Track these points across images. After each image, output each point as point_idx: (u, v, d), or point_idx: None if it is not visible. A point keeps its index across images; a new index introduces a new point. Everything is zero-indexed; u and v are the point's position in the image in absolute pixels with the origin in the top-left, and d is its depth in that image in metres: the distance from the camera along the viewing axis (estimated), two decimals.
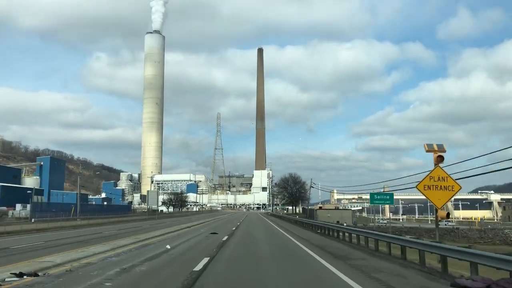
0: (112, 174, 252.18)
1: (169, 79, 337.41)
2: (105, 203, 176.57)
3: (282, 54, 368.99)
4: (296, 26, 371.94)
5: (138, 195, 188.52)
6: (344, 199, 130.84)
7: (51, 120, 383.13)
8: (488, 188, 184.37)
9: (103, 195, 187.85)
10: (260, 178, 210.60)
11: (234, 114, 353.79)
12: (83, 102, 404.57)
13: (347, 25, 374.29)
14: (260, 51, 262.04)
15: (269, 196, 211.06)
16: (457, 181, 13.46)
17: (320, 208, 65.18)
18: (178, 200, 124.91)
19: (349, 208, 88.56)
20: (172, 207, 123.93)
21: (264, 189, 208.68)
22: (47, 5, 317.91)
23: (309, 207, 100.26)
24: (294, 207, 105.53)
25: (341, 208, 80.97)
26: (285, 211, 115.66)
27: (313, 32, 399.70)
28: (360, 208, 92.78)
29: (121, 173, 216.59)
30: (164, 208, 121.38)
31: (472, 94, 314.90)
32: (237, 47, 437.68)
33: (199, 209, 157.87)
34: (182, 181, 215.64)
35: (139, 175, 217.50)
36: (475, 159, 16.81)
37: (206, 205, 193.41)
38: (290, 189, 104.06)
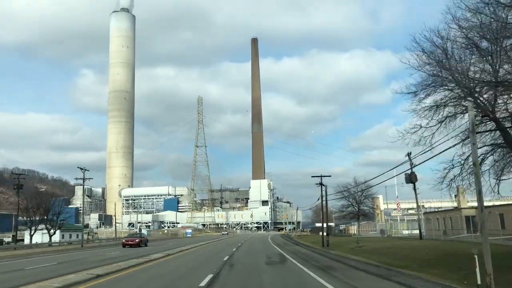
0: None
1: (160, 95, 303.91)
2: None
3: (279, 66, 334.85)
4: (294, 36, 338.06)
5: (97, 215, 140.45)
6: (396, 209, 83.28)
7: (38, 142, 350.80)
8: None
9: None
10: (259, 189, 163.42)
11: (231, 130, 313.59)
12: (71, 123, 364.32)
13: (346, 34, 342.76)
14: (255, 42, 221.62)
15: (271, 212, 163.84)
16: None
17: None
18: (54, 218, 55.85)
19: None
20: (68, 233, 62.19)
21: (264, 202, 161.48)
22: (25, 20, 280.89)
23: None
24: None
25: None
26: (307, 231, 67.90)
27: (311, 42, 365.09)
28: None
29: (76, 187, 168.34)
30: (38, 237, 55.03)
31: None
32: (231, 60, 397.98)
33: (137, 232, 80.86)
34: (158, 195, 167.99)
35: (103, 189, 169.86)
36: None
37: (170, 226, 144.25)
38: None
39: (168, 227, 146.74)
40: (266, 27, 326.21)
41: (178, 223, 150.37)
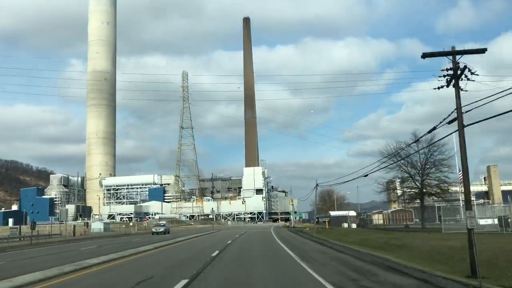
0: None
1: (150, 85, 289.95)
2: (11, 219, 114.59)
3: (273, 55, 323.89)
4: (287, 23, 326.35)
5: (73, 206, 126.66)
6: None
7: (27, 134, 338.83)
8: None
9: (15, 207, 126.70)
10: (253, 177, 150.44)
11: (224, 121, 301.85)
12: (62, 114, 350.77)
13: (341, 22, 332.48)
14: (247, 21, 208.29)
15: (266, 201, 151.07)
16: None
17: None
18: None
19: None
20: None
21: (258, 191, 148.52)
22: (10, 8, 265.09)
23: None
24: None
25: None
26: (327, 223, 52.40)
27: (306, 29, 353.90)
28: None
29: (51, 176, 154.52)
30: None
31: (466, 92, 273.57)
32: (224, 49, 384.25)
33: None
34: (143, 185, 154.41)
35: (83, 178, 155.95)
36: None
37: (148, 217, 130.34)
38: None
39: (154, 219, 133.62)
40: (260, 14, 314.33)
41: (164, 214, 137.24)
